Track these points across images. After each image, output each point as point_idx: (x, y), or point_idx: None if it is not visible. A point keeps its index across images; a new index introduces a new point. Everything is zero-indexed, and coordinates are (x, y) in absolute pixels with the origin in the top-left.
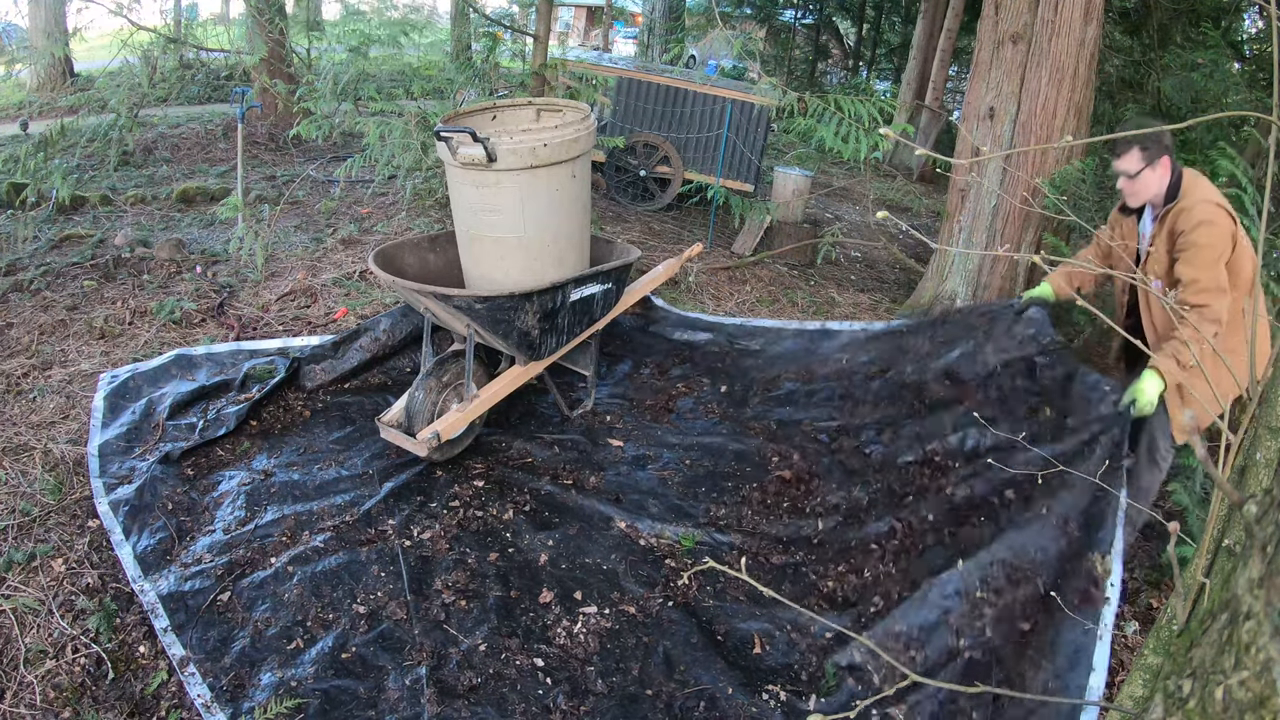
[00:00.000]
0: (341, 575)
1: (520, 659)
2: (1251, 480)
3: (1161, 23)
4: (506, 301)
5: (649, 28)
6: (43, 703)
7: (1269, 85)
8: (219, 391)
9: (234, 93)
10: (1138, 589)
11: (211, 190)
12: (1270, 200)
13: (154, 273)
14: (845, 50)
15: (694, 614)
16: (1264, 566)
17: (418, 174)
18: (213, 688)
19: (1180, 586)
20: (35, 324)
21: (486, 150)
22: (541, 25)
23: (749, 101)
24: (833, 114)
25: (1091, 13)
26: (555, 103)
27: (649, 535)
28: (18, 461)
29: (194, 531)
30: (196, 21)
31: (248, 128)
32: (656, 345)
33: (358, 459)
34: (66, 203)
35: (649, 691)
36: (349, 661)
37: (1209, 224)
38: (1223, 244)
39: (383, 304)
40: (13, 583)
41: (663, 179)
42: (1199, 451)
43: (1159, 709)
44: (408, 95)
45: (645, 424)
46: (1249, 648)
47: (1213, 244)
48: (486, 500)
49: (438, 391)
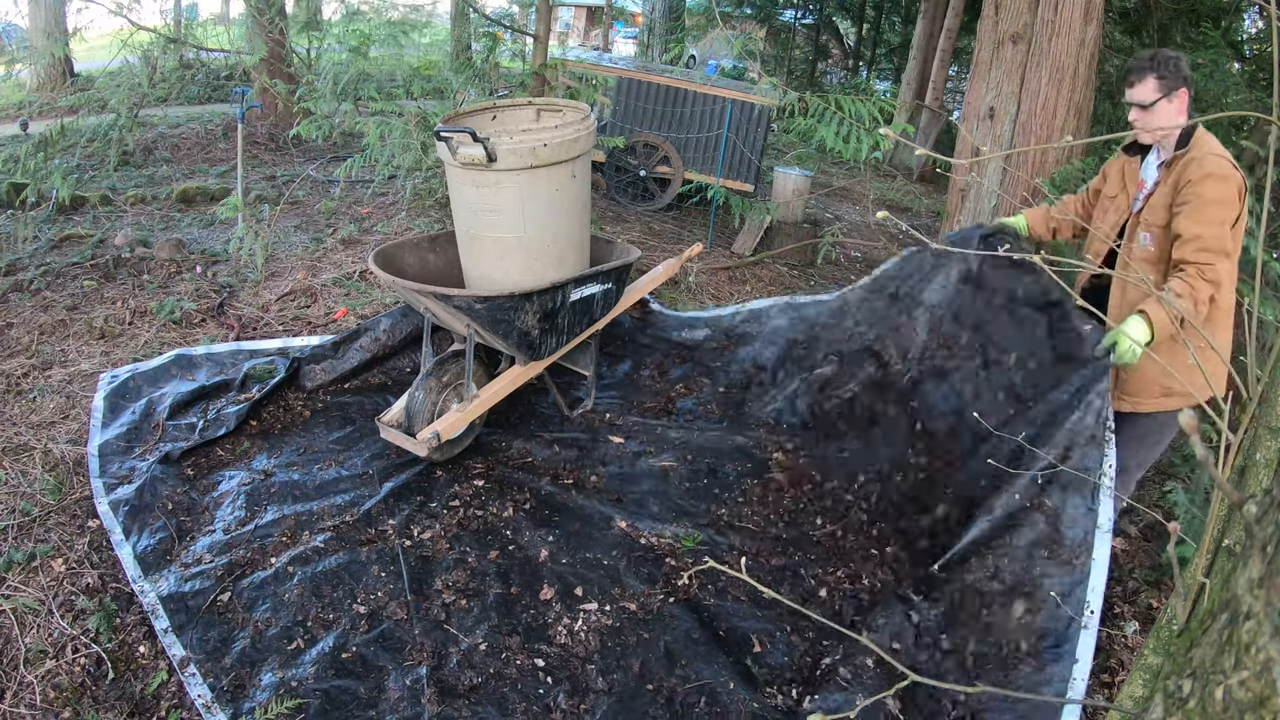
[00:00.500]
0: (342, 575)
1: (521, 658)
2: (1251, 480)
3: (1161, 23)
4: (506, 301)
5: (649, 28)
6: (43, 703)
7: (1269, 85)
8: (219, 391)
9: (234, 93)
10: (1138, 589)
11: (211, 190)
12: (1270, 202)
13: (154, 273)
14: (845, 50)
15: (695, 611)
16: (1264, 566)
17: (418, 174)
18: (213, 688)
19: (1180, 586)
20: (35, 324)
21: (486, 150)
22: (541, 25)
23: (749, 101)
24: (833, 114)
25: (1091, 13)
26: (555, 103)
27: (649, 534)
28: (18, 461)
29: (194, 531)
30: (196, 21)
31: (248, 128)
32: (656, 345)
33: (358, 459)
34: (66, 203)
35: (650, 688)
36: (349, 661)
37: (1221, 178)
38: (1232, 203)
39: (383, 304)
40: (13, 583)
41: (663, 179)
42: (1199, 451)
43: (1159, 709)
44: (408, 95)
45: (645, 423)
46: (1249, 648)
47: (1222, 200)
48: (486, 500)
49: (438, 391)
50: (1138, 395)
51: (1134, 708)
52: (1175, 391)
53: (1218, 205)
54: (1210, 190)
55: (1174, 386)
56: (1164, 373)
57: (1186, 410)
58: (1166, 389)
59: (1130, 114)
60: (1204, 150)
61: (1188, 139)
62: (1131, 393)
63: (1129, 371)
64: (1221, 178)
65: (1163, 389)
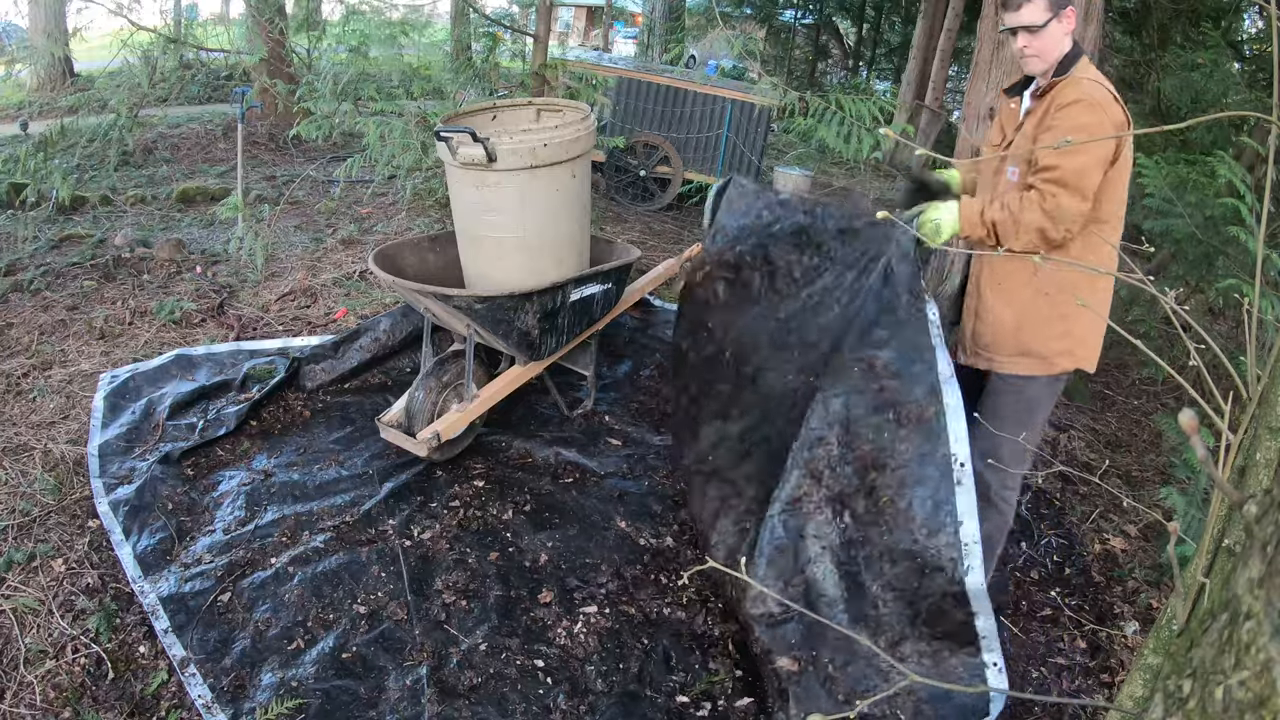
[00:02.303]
0: (342, 575)
1: (520, 659)
2: (1251, 480)
3: (1161, 23)
4: (506, 301)
5: (649, 28)
6: (43, 703)
7: (1269, 85)
8: (219, 391)
9: (234, 93)
10: (1137, 589)
11: (211, 190)
12: (1270, 202)
13: (154, 273)
14: (845, 50)
15: (695, 613)
16: (1264, 566)
17: (418, 174)
18: (213, 688)
19: (1180, 586)
20: (35, 324)
21: (486, 150)
22: (541, 25)
23: (749, 101)
24: (833, 114)
25: (1091, 13)
26: (555, 103)
27: (649, 535)
28: (18, 461)
29: (194, 532)
30: (196, 21)
31: (248, 128)
32: (656, 345)
33: (358, 459)
34: (66, 203)
35: (649, 690)
36: (350, 662)
37: (1093, 105)
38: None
39: (383, 304)
40: (13, 583)
41: (663, 179)
42: (1199, 452)
43: (1159, 709)
44: (408, 95)
45: (645, 423)
46: (1249, 648)
47: (1087, 128)
48: (486, 500)
49: (438, 391)
50: (992, 350)
51: (1134, 708)
52: (1033, 352)
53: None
54: (1077, 116)
55: (1032, 345)
56: (1018, 325)
57: (1187, 411)
58: (1023, 347)
59: (1017, 41)
60: (1083, 76)
61: (1071, 64)
62: (985, 345)
63: (983, 321)
64: (1093, 104)
65: (1018, 345)
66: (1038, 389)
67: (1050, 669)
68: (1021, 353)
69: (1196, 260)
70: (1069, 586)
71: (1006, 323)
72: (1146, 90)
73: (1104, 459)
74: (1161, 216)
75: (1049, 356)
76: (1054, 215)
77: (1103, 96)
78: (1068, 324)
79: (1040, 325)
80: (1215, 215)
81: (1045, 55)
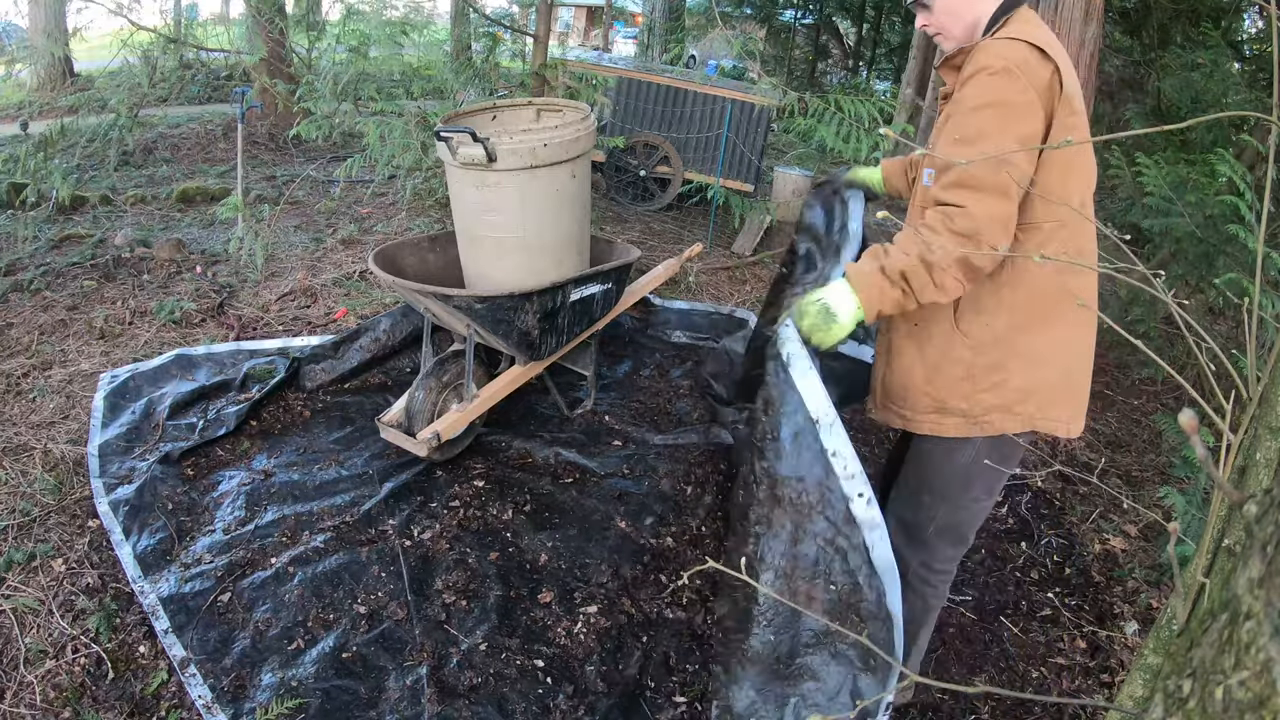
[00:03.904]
0: (342, 575)
1: (520, 659)
2: (1251, 480)
3: (1161, 23)
4: (506, 301)
5: (649, 28)
6: (43, 703)
7: (1269, 85)
8: (219, 391)
9: (234, 93)
10: (1137, 589)
11: (211, 190)
12: (1270, 201)
13: (154, 273)
14: (845, 50)
15: (695, 613)
16: (1264, 566)
17: (418, 174)
18: (213, 688)
19: (1180, 586)
20: (35, 324)
21: (486, 150)
22: (541, 25)
23: (749, 101)
24: (833, 114)
25: (1091, 13)
26: (555, 103)
27: (649, 535)
28: (18, 461)
29: (194, 532)
30: (196, 21)
31: (248, 128)
32: (656, 345)
33: (358, 459)
34: (66, 203)
35: (649, 690)
36: (350, 662)
37: (994, 73)
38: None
39: (383, 304)
40: (13, 583)
41: (663, 179)
42: (1199, 451)
43: (1159, 709)
44: (408, 95)
45: (645, 423)
46: (1249, 648)
47: (993, 104)
48: (486, 500)
49: (438, 391)
50: (903, 405)
51: (1134, 708)
52: (951, 410)
53: (986, 113)
54: (978, 94)
55: (949, 401)
56: (929, 376)
57: (1187, 410)
58: (938, 403)
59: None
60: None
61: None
62: (896, 400)
63: (891, 370)
64: (997, 71)
65: (933, 402)
66: (968, 455)
67: (1050, 669)
68: (937, 410)
69: (1196, 259)
70: (1069, 586)
71: (916, 371)
72: (1147, 90)
73: (1104, 459)
74: (1161, 216)
75: (974, 415)
76: (971, 234)
77: (1017, 56)
78: (1005, 372)
79: (958, 372)
80: (1215, 214)
81: (950, 30)
